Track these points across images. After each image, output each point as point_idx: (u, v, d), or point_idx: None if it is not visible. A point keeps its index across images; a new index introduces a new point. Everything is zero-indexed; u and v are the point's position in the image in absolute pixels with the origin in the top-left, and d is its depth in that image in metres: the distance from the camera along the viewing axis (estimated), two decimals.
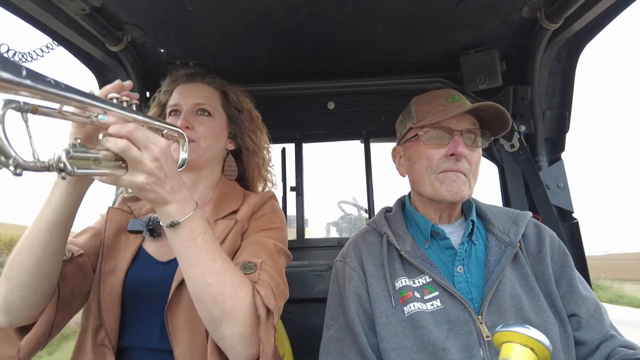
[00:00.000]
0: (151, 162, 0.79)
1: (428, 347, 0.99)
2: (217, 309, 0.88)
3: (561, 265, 1.12)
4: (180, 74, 1.37)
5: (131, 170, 0.79)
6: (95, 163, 0.72)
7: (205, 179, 1.30)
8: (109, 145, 0.75)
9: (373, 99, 2.08)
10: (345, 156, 3.99)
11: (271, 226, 1.20)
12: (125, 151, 0.76)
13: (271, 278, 1.01)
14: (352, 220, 4.81)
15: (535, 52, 1.72)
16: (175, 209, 0.87)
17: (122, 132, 0.76)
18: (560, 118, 1.85)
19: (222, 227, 1.16)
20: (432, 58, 1.86)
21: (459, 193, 1.11)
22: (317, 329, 1.22)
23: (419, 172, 1.17)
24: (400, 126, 1.29)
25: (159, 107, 1.37)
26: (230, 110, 1.36)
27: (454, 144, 1.11)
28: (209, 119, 1.28)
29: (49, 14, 1.37)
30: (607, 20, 1.58)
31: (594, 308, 1.07)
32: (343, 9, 1.47)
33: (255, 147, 1.40)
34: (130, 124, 0.78)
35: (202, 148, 1.24)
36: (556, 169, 1.81)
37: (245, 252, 1.08)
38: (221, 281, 0.88)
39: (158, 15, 1.51)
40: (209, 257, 0.89)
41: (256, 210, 1.23)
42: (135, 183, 0.79)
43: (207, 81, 1.35)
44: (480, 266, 1.11)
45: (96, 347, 1.06)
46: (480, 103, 1.11)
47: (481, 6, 1.49)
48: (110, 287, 1.08)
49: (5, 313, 0.96)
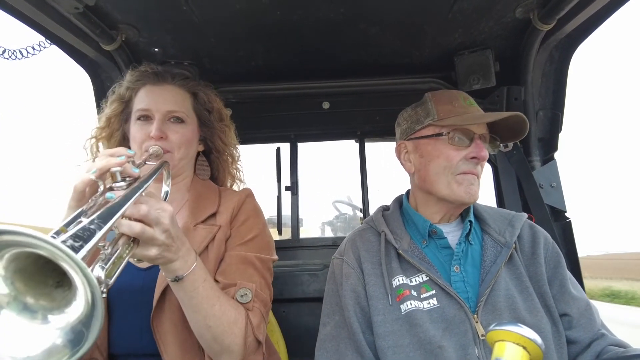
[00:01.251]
0: (162, 234, 0.83)
1: (424, 345, 1.00)
2: (217, 345, 0.99)
3: (554, 266, 1.14)
4: (147, 71, 1.29)
5: (143, 246, 0.82)
6: (119, 260, 0.73)
7: (179, 184, 1.29)
8: (124, 230, 0.77)
9: (368, 99, 2.09)
10: (340, 156, 4.00)
11: (252, 235, 1.20)
12: (141, 234, 0.79)
13: (262, 302, 1.10)
14: (347, 220, 4.82)
15: (529, 53, 1.73)
16: (179, 265, 0.91)
17: (137, 215, 0.79)
18: (553, 118, 1.86)
19: (204, 233, 1.15)
20: (426, 58, 1.86)
21: (475, 195, 1.13)
22: (312, 328, 1.22)
23: (435, 172, 1.16)
24: (413, 121, 1.24)
25: (121, 103, 1.29)
26: (200, 112, 1.33)
27: (477, 148, 1.12)
28: (181, 126, 1.24)
29: (41, 12, 1.35)
30: (599, 22, 1.60)
31: (584, 308, 1.09)
32: (338, 9, 1.47)
33: (223, 147, 1.40)
34: (142, 207, 0.80)
35: (177, 158, 1.22)
36: (549, 168, 1.83)
37: (235, 270, 1.11)
38: (219, 324, 0.98)
39: (153, 14, 1.50)
40: (209, 303, 0.97)
41: (235, 213, 1.22)
42: (148, 256, 0.84)
43: (177, 83, 1.28)
44: (476, 266, 1.12)
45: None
46: (511, 113, 1.12)
47: (475, 7, 1.50)
48: None
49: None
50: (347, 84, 2.00)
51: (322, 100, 2.11)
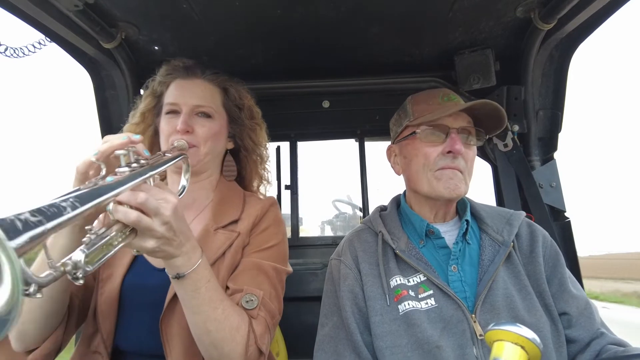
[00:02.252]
0: (161, 226, 0.79)
1: (422, 345, 1.00)
2: (216, 352, 0.94)
3: (553, 264, 1.13)
4: (178, 65, 1.29)
5: (141, 237, 0.79)
6: (107, 247, 0.70)
7: (204, 181, 1.27)
8: (119, 216, 0.73)
9: (368, 98, 2.09)
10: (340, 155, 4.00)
11: (271, 244, 1.18)
12: (137, 223, 0.75)
13: (268, 312, 1.05)
14: (347, 219, 4.81)
15: (529, 52, 1.73)
16: (182, 262, 0.88)
17: (133, 202, 0.75)
18: (553, 118, 1.86)
19: (223, 239, 1.13)
20: (426, 58, 1.86)
21: (456, 190, 1.12)
22: (312, 327, 1.22)
23: (416, 170, 1.18)
24: (396, 125, 1.30)
25: (153, 98, 1.30)
26: (230, 108, 1.31)
27: (451, 142, 1.12)
28: (209, 120, 1.22)
29: (41, 10, 1.35)
30: (600, 21, 1.60)
31: (584, 306, 1.08)
32: (338, 7, 1.46)
33: (253, 146, 1.37)
34: (141, 194, 0.76)
35: (203, 153, 1.20)
36: (549, 168, 1.83)
37: (246, 276, 1.08)
38: (220, 329, 0.93)
39: (152, 12, 1.50)
40: (211, 306, 0.92)
41: (257, 222, 1.20)
42: (146, 248, 0.80)
43: (207, 78, 1.28)
44: (474, 265, 1.12)
45: (89, 354, 1.06)
46: (476, 101, 1.12)
47: (476, 6, 1.50)
48: (107, 294, 1.08)
49: (20, 341, 0.99)
50: (347, 82, 1.99)
51: (322, 99, 2.11)
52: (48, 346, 1.01)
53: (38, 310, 0.94)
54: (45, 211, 0.50)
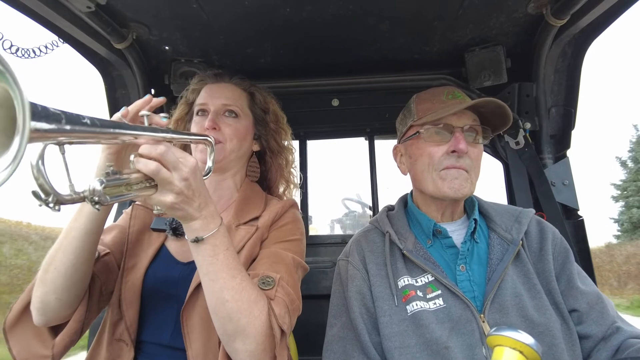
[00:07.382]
0: (180, 182, 0.82)
1: (431, 346, 1.00)
2: (232, 325, 0.91)
3: (562, 262, 1.12)
4: (208, 74, 1.37)
5: (160, 190, 0.82)
6: (126, 188, 0.74)
7: (228, 180, 1.30)
8: (140, 167, 0.77)
9: (377, 96, 2.08)
10: (350, 153, 3.99)
11: (290, 238, 1.19)
12: (155, 173, 0.78)
13: (287, 295, 1.03)
14: (356, 218, 4.81)
15: (541, 49, 1.71)
16: (201, 225, 0.89)
17: (153, 154, 0.79)
18: (566, 115, 1.84)
19: (243, 233, 1.16)
20: (436, 55, 1.85)
21: (461, 190, 1.11)
22: (321, 325, 1.22)
23: (421, 170, 1.17)
24: (401, 124, 1.29)
25: (187, 106, 1.37)
26: (256, 111, 1.36)
27: (455, 141, 1.11)
28: (235, 120, 1.28)
29: (54, 12, 1.38)
30: (615, 17, 1.57)
31: (595, 301, 1.06)
32: (347, 5, 1.46)
33: (279, 149, 1.42)
34: (160, 146, 0.80)
35: (228, 150, 1.24)
36: (561, 166, 1.80)
37: (263, 263, 1.09)
38: (238, 298, 0.90)
39: (163, 12, 1.52)
40: (229, 274, 0.91)
41: (277, 218, 1.23)
42: (165, 202, 0.83)
43: (234, 81, 1.35)
44: (483, 264, 1.11)
45: (113, 342, 1.08)
46: (480, 99, 1.11)
47: (486, 2, 1.48)
48: (131, 282, 1.11)
49: (42, 313, 1.01)
50: (357, 80, 1.99)
51: (331, 98, 2.11)
52: (73, 326, 1.05)
53: (60, 279, 0.96)
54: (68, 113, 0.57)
